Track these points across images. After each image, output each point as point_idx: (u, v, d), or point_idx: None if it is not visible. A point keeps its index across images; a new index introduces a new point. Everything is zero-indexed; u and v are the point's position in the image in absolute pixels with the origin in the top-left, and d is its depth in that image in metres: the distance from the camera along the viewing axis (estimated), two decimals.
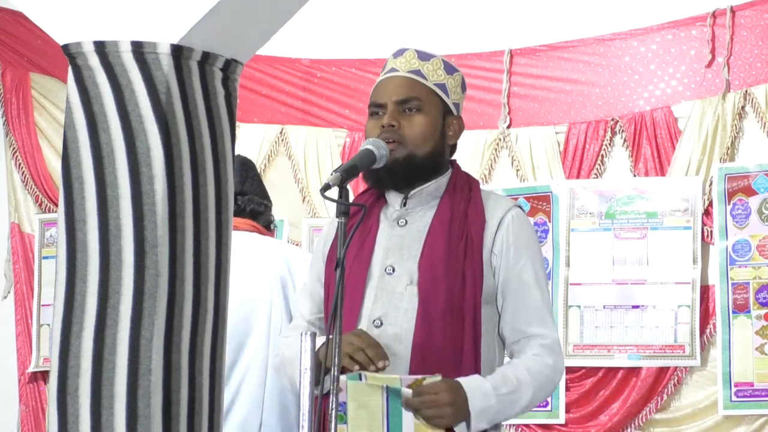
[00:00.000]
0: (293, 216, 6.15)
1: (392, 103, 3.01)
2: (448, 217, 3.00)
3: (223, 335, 2.83)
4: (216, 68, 2.81)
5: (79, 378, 2.66)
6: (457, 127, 3.09)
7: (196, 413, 2.72)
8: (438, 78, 3.06)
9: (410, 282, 2.97)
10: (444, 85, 3.06)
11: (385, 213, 3.06)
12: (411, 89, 3.03)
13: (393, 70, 3.07)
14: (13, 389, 6.41)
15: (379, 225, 3.04)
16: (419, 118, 3.01)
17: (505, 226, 3.00)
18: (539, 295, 3.00)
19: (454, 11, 6.00)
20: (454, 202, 3.01)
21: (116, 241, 2.67)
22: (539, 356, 2.96)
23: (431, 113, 3.03)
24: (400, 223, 3.03)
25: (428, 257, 2.97)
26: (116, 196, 2.67)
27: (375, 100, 3.05)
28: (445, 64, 3.09)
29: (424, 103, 3.02)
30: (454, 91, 3.08)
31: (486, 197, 3.06)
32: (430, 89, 3.04)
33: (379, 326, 2.95)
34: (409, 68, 3.05)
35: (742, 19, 5.49)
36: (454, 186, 3.05)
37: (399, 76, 3.05)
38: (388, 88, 3.04)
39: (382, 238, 3.03)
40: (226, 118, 2.84)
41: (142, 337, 2.65)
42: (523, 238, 3.02)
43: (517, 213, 3.04)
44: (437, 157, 3.04)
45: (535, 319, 2.98)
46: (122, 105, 2.69)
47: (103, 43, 2.72)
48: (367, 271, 2.99)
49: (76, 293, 2.68)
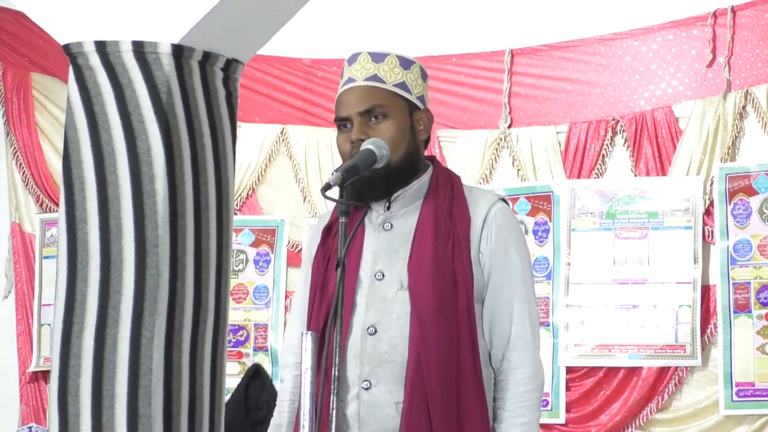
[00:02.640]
0: (294, 216, 6.16)
1: (356, 115, 2.98)
2: (433, 218, 2.97)
3: (224, 335, 2.83)
4: (217, 68, 2.81)
5: (80, 378, 2.66)
6: (426, 120, 3.05)
7: (197, 413, 2.72)
8: (396, 77, 3.03)
9: (401, 287, 2.94)
10: (403, 83, 3.03)
11: (370, 218, 3.03)
12: (372, 97, 2.99)
13: (350, 80, 3.03)
14: (13, 389, 6.41)
15: (365, 230, 3.02)
16: (386, 124, 2.97)
17: (489, 222, 2.98)
18: (522, 290, 2.99)
19: (455, 11, 6.00)
20: (437, 202, 2.99)
21: (117, 241, 2.67)
22: (524, 393, 2.96)
23: (397, 116, 2.99)
24: (385, 227, 3.01)
25: (416, 260, 2.94)
26: (117, 196, 2.67)
27: (339, 114, 3.02)
28: (400, 60, 3.05)
29: (388, 108, 2.98)
30: (415, 85, 3.04)
31: (469, 193, 3.03)
32: (391, 92, 3.00)
33: (374, 334, 2.93)
34: (366, 75, 3.02)
35: (742, 19, 5.49)
36: (437, 185, 3.02)
37: (357, 87, 3.01)
38: (349, 100, 3.01)
39: (369, 243, 3.01)
40: (227, 118, 2.84)
41: (142, 336, 2.65)
42: (508, 233, 3.00)
43: (501, 207, 3.01)
44: (413, 157, 3.02)
45: (516, 324, 2.97)
46: (123, 105, 2.69)
47: (103, 42, 2.72)
48: (356, 278, 2.98)
49: (76, 293, 2.68)
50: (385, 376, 2.90)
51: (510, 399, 2.95)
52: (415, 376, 2.88)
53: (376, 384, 2.90)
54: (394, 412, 2.89)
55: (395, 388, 2.90)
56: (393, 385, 2.90)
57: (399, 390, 2.89)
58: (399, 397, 2.89)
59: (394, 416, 2.89)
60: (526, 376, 2.95)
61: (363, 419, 2.90)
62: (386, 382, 2.90)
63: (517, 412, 2.94)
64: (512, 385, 2.95)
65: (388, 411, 2.89)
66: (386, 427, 2.89)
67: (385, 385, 2.90)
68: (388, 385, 2.90)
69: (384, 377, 2.90)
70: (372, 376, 2.90)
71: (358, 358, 2.92)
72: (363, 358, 2.91)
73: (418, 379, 2.88)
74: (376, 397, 2.90)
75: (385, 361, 2.90)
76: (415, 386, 2.88)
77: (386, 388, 2.90)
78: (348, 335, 2.93)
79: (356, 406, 2.90)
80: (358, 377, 2.91)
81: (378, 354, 2.91)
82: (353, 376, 2.91)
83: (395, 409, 2.89)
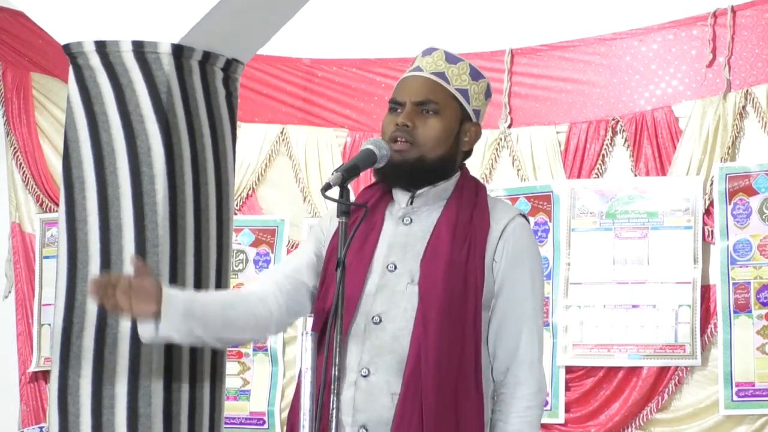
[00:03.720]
0: (294, 216, 6.16)
1: (410, 102, 3.02)
2: (453, 220, 3.00)
3: None
4: (217, 68, 2.81)
5: (80, 378, 2.66)
6: (473, 133, 3.09)
7: (197, 413, 2.73)
8: (461, 83, 3.06)
9: (411, 281, 2.97)
10: (466, 90, 3.06)
11: (391, 210, 3.06)
12: (431, 92, 3.03)
13: (418, 69, 3.07)
14: (13, 389, 6.41)
15: (384, 222, 3.05)
16: (434, 121, 3.01)
17: (508, 234, 3.01)
18: (531, 307, 3.01)
19: (455, 11, 6.00)
20: (460, 206, 3.02)
21: (117, 241, 2.67)
22: (526, 409, 2.97)
23: (448, 118, 3.03)
24: (405, 221, 3.04)
25: (431, 257, 2.97)
26: (117, 196, 2.68)
27: (395, 97, 3.06)
28: (471, 70, 3.09)
29: (442, 107, 3.02)
30: (476, 98, 3.08)
31: (492, 204, 3.07)
32: (451, 94, 3.04)
33: (378, 323, 2.95)
34: (434, 69, 3.06)
35: (742, 19, 5.49)
36: (462, 189, 3.05)
37: (422, 77, 3.05)
38: (410, 87, 3.05)
39: (386, 235, 3.03)
40: (227, 118, 2.84)
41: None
42: (525, 247, 3.02)
43: (520, 222, 3.04)
44: (448, 161, 3.04)
45: (524, 340, 2.98)
46: (123, 104, 2.69)
47: (104, 42, 2.72)
48: (368, 267, 2.99)
49: (77, 293, 2.69)
50: (384, 366, 2.91)
51: (512, 413, 2.97)
52: (413, 370, 2.89)
53: (374, 372, 2.91)
54: (389, 402, 2.90)
55: (393, 379, 2.91)
56: (391, 376, 2.91)
57: (397, 381, 2.91)
58: (396, 388, 2.90)
59: (389, 407, 2.90)
60: (530, 393, 2.98)
61: (357, 406, 2.91)
62: (385, 372, 2.91)
63: (517, 427, 2.96)
64: (516, 400, 2.97)
65: (384, 400, 2.90)
66: (380, 416, 2.90)
67: (383, 375, 2.91)
68: (387, 375, 2.91)
69: (383, 367, 2.91)
70: (371, 365, 2.92)
71: (359, 346, 2.93)
72: (364, 346, 2.93)
73: (416, 374, 2.89)
74: (374, 385, 2.91)
75: (386, 351, 2.91)
76: (412, 380, 2.89)
77: (384, 378, 2.91)
78: (352, 322, 2.94)
79: (352, 393, 2.91)
80: (358, 364, 2.92)
81: (380, 343, 2.92)
82: (353, 363, 2.93)
83: (390, 400, 2.90)
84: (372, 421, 2.91)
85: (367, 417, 2.91)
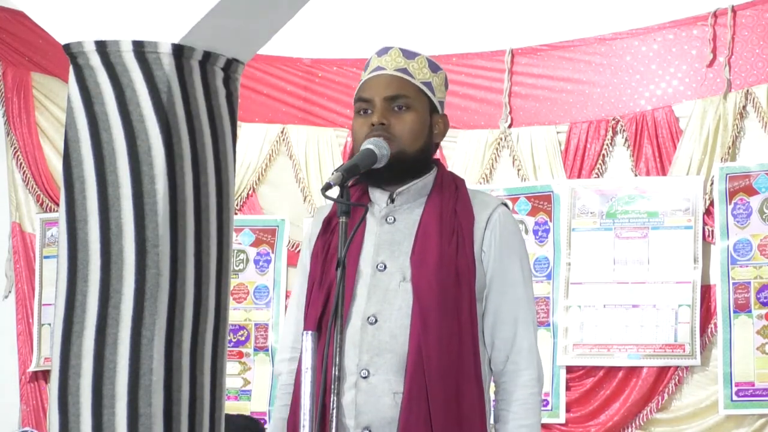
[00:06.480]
0: (294, 216, 6.16)
1: (381, 100, 3.01)
2: (437, 214, 3.00)
3: (224, 335, 2.83)
4: (217, 68, 2.81)
5: (81, 377, 2.66)
6: (442, 125, 3.10)
7: (198, 413, 2.73)
8: (424, 76, 3.06)
9: (403, 278, 2.97)
10: (430, 83, 3.07)
11: (372, 212, 3.06)
12: (400, 87, 3.03)
13: (379, 68, 3.06)
14: (14, 388, 6.41)
15: (366, 223, 3.04)
16: (408, 116, 3.01)
17: (493, 223, 3.02)
18: (523, 293, 3.02)
19: (455, 11, 6.00)
20: (442, 199, 3.02)
21: (117, 241, 2.67)
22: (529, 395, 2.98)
23: (420, 111, 3.04)
24: (388, 220, 3.04)
25: (420, 253, 2.97)
26: (117, 196, 2.68)
27: (361, 95, 3.04)
28: (429, 63, 3.09)
29: (413, 101, 3.03)
30: (439, 89, 3.10)
31: (473, 195, 3.08)
32: (418, 87, 3.04)
33: (374, 323, 2.95)
34: (396, 66, 3.05)
35: (743, 19, 5.49)
36: (441, 184, 3.06)
37: (386, 74, 3.04)
38: (377, 85, 3.03)
39: (371, 235, 3.03)
40: (228, 118, 2.84)
41: (143, 336, 2.65)
42: (511, 235, 3.04)
43: (503, 211, 3.05)
44: (426, 154, 3.06)
45: (520, 327, 2.99)
46: (123, 104, 2.69)
47: (104, 42, 2.72)
48: (357, 269, 3.00)
49: (77, 293, 2.69)
50: (384, 366, 2.91)
51: (515, 401, 2.98)
52: (415, 368, 2.90)
53: (374, 373, 2.91)
54: (392, 401, 2.90)
55: (394, 378, 2.91)
56: (392, 375, 2.91)
57: (398, 380, 2.91)
58: (397, 387, 2.90)
59: (392, 406, 2.90)
60: (531, 379, 2.99)
61: (360, 408, 2.91)
62: (385, 371, 2.91)
63: (522, 414, 2.97)
64: (518, 387, 2.98)
65: (386, 400, 2.90)
66: (384, 417, 2.90)
67: (384, 375, 2.91)
68: (387, 375, 2.91)
69: (383, 366, 2.91)
70: (371, 365, 2.92)
71: (356, 347, 2.93)
72: (362, 347, 2.93)
73: (419, 371, 2.89)
74: (375, 385, 2.91)
75: (385, 350, 2.92)
76: (415, 378, 2.89)
77: (385, 378, 2.91)
78: (347, 325, 2.94)
79: (353, 395, 2.91)
80: (357, 366, 2.92)
81: (378, 343, 2.92)
82: (351, 365, 2.92)
83: (393, 399, 2.90)
84: (376, 421, 2.91)
85: (371, 418, 2.91)
